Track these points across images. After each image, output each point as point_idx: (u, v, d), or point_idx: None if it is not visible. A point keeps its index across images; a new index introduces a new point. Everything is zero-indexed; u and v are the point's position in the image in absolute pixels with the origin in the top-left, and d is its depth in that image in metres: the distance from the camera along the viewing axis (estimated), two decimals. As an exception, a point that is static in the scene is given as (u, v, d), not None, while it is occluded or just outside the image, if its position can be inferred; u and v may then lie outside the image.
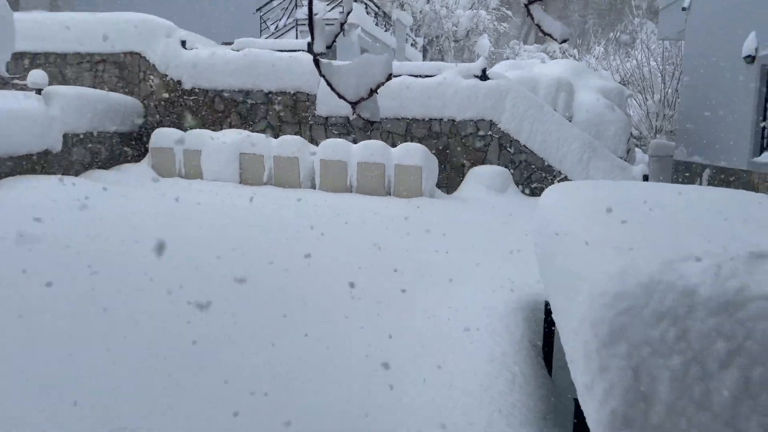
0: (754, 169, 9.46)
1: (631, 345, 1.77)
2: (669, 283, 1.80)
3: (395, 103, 10.96)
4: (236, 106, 11.02)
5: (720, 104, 10.85)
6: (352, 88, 2.23)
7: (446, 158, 11.07)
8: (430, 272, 5.21)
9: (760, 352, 1.70)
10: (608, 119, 12.07)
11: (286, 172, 9.44)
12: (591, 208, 2.83)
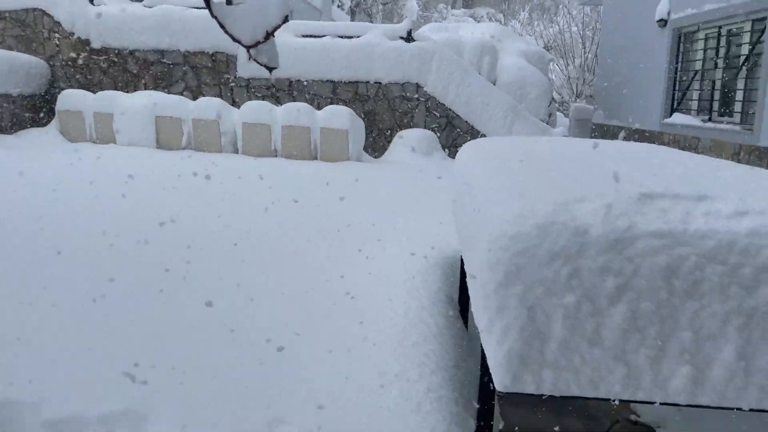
0: (665, 130, 9.88)
1: (527, 285, 1.80)
2: (562, 224, 1.82)
3: (321, 65, 10.76)
4: (151, 67, 10.51)
5: (635, 68, 11.22)
6: (247, 31, 2.13)
7: (373, 122, 11.01)
8: (353, 234, 5.18)
9: (647, 287, 1.76)
10: (531, 83, 12.29)
11: (207, 136, 9.13)
12: (499, 160, 2.86)
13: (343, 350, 2.91)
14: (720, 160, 2.93)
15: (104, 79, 10.52)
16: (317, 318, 3.26)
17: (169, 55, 10.48)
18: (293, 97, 10.79)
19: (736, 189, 1.99)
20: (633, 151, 3.01)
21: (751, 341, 1.74)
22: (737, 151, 7.83)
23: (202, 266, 3.89)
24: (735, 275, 1.72)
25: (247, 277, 3.79)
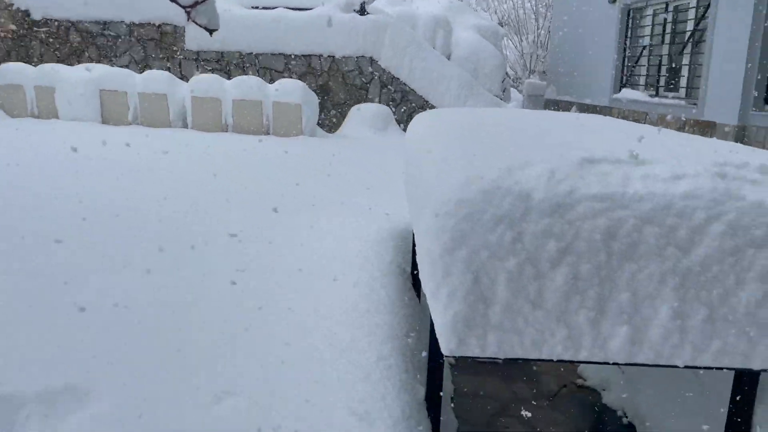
0: (614, 105, 10.08)
1: (472, 250, 1.81)
2: (506, 189, 1.84)
3: (272, 38, 10.55)
4: (94, 39, 10.11)
5: (586, 45, 11.37)
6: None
7: (327, 96, 10.89)
8: (307, 208, 5.14)
9: (587, 249, 1.79)
10: (485, 58, 12.33)
11: (154, 111, 8.87)
12: (448, 130, 2.86)
13: (294, 323, 2.89)
14: (661, 128, 3.01)
15: (45, 51, 10.08)
16: (266, 294, 3.23)
17: (113, 26, 10.10)
18: (244, 71, 10.56)
19: (674, 154, 2.03)
20: (578, 120, 3.05)
21: (686, 301, 1.79)
22: (682, 125, 8.05)
23: (147, 244, 3.80)
24: (671, 237, 1.77)
25: (197, 254, 3.72)
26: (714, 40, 7.44)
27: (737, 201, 1.78)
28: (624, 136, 2.48)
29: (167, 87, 8.82)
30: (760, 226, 1.76)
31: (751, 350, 1.81)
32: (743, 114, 6.80)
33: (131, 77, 8.86)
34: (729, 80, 7.04)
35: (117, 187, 4.93)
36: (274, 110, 9.13)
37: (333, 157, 7.77)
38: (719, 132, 7.19)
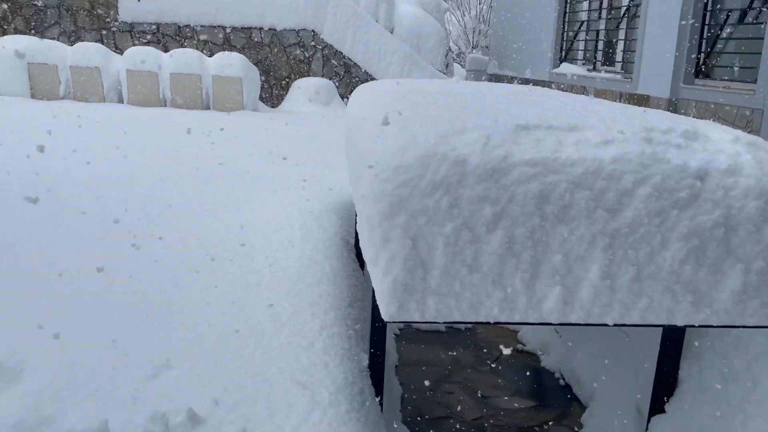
0: (554, 79, 10.27)
1: (410, 215, 1.83)
2: (443, 155, 1.86)
3: (210, 9, 10.25)
4: (21, 10, 9.58)
5: (527, 20, 11.51)
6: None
7: (269, 70, 10.69)
8: (248, 183, 5.06)
9: (521, 213, 1.83)
10: (427, 32, 12.32)
11: (87, 85, 8.51)
12: (387, 100, 2.86)
13: (237, 295, 2.87)
14: (596, 99, 3.09)
15: (-35, 21, 9.50)
16: (210, 268, 3.18)
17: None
18: (181, 44, 10.24)
19: (605, 121, 2.10)
20: (515, 91, 3.10)
21: (615, 261, 1.87)
22: (618, 98, 8.29)
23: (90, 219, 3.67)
24: (600, 200, 1.83)
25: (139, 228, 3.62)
26: (647, 15, 7.65)
27: (662, 164, 1.86)
28: (558, 104, 2.54)
29: (101, 60, 8.47)
30: (683, 188, 1.84)
31: (675, 307, 1.90)
32: (674, 88, 7.05)
33: (62, 49, 8.46)
34: (661, 55, 7.27)
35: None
36: (214, 84, 8.92)
37: (274, 132, 7.66)
38: (653, 105, 7.44)
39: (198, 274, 3.05)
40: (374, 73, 10.91)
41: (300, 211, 4.31)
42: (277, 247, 3.54)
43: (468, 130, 1.96)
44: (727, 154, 1.92)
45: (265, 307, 2.71)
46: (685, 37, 6.93)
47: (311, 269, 3.22)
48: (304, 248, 3.55)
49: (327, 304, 2.83)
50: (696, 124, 2.12)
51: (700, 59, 6.93)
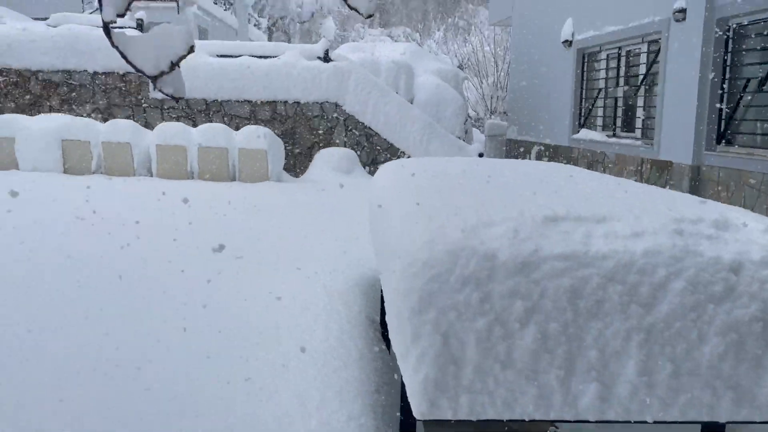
0: (574, 145, 10.35)
1: (440, 311, 1.82)
2: (472, 249, 1.86)
3: (238, 85, 10.62)
4: (57, 88, 10.02)
5: (544, 86, 11.72)
6: (150, 60, 2.06)
7: (293, 141, 10.94)
8: (273, 255, 5.10)
9: (553, 308, 1.82)
10: (446, 101, 12.59)
11: (118, 160, 8.78)
12: (412, 183, 2.89)
13: (263, 379, 2.84)
14: (619, 179, 3.10)
15: (4, 101, 9.94)
16: (235, 349, 3.17)
17: (76, 75, 10.03)
18: (210, 118, 10.57)
19: (633, 210, 2.09)
20: (537, 171, 3.12)
21: (651, 357, 1.82)
22: (640, 164, 8.30)
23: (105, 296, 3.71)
24: (634, 294, 1.81)
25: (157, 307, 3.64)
26: (665, 83, 7.75)
27: (695, 257, 1.84)
28: (584, 190, 2.55)
29: (131, 136, 8.75)
30: (717, 281, 1.81)
31: (716, 403, 1.84)
32: (697, 154, 7.05)
33: (95, 126, 8.78)
34: (681, 121, 7.31)
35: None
36: (240, 156, 9.13)
37: (298, 201, 7.77)
38: (675, 171, 7.43)
39: (224, 357, 3.04)
40: (395, 142, 11.10)
41: (325, 287, 4.31)
42: (303, 328, 3.52)
43: (496, 222, 1.97)
44: (759, 245, 1.90)
45: (292, 395, 2.68)
46: (704, 104, 6.98)
47: (337, 352, 3.20)
48: (330, 327, 3.53)
49: (354, 391, 2.79)
50: (726, 212, 2.11)
51: (721, 125, 6.95)
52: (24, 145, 8.49)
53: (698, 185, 7.10)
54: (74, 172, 8.70)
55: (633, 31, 8.52)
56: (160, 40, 2.07)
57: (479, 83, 19.24)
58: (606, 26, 9.24)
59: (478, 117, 19.71)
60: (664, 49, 7.79)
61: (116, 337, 3.18)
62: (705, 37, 6.90)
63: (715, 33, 6.86)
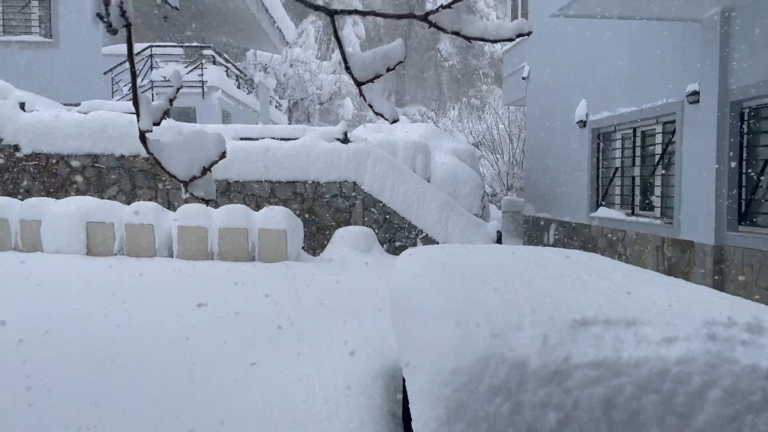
0: (593, 223, 10.33)
1: (468, 422, 1.77)
2: (501, 356, 1.83)
3: (259, 166, 10.86)
4: (83, 172, 10.33)
5: (560, 164, 11.84)
6: (183, 165, 2.13)
7: (312, 220, 11.05)
8: (291, 339, 5.06)
9: (588, 420, 1.77)
10: (463, 179, 12.73)
11: (140, 241, 8.90)
12: (435, 275, 2.89)
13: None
14: (645, 271, 3.07)
15: (33, 184, 10.23)
16: None
17: (103, 159, 10.35)
18: (231, 199, 10.76)
19: (663, 311, 2.06)
20: (561, 263, 3.11)
21: (691, 469, 1.75)
22: (660, 243, 8.23)
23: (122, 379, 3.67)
24: (669, 404, 1.76)
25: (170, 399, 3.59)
26: (682, 164, 7.79)
27: (731, 365, 1.79)
28: (612, 286, 2.53)
29: (154, 217, 8.91)
30: (756, 391, 1.76)
31: None
32: (719, 234, 6.99)
33: (119, 209, 8.96)
34: (701, 201, 7.30)
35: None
36: (260, 237, 9.22)
37: (316, 282, 7.76)
38: (697, 251, 7.35)
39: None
40: (413, 220, 11.16)
41: (344, 375, 4.24)
42: (322, 420, 3.44)
43: (525, 326, 1.95)
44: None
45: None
46: (723, 184, 6.99)
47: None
48: (352, 420, 3.45)
49: (379, 494, 2.69)
50: (758, 313, 2.07)
51: (741, 206, 6.92)
52: (49, 228, 8.66)
53: (721, 266, 7.01)
54: (97, 253, 8.82)
55: (647, 112, 8.65)
56: (193, 145, 2.14)
57: (495, 160, 19.50)
58: (619, 107, 9.41)
59: (495, 193, 19.85)
60: (679, 130, 7.88)
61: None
62: (720, 119, 6.98)
63: (729, 115, 6.95)
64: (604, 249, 9.87)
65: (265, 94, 21.41)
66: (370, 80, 2.24)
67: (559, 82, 12.01)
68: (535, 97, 13.47)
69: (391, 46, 2.22)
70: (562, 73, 11.76)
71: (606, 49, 9.85)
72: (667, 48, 8.08)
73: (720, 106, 6.98)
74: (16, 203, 8.91)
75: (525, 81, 13.90)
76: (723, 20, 6.94)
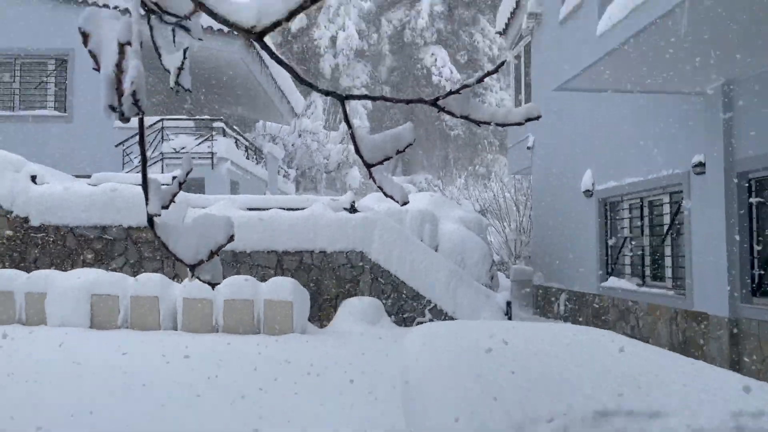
0: (604, 293, 10.18)
1: None
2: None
3: (266, 236, 10.87)
4: (91, 243, 10.36)
5: (568, 233, 11.80)
6: (191, 249, 2.10)
7: (318, 290, 10.95)
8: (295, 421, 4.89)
9: None
10: (470, 248, 12.68)
11: (145, 313, 8.81)
12: (446, 357, 2.80)
13: None
14: (666, 352, 2.97)
15: (41, 255, 10.25)
16: None
17: (111, 230, 10.41)
18: (237, 270, 10.71)
19: (687, 401, 1.97)
20: (582, 343, 3.02)
21: None
22: (674, 315, 8.07)
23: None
24: (702, 507, 1.65)
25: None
26: (692, 235, 7.73)
27: (765, 463, 1.69)
28: (633, 371, 2.43)
29: (160, 289, 8.86)
30: (794, 492, 1.65)
31: None
32: (733, 306, 6.86)
33: (124, 281, 8.93)
34: (713, 273, 7.19)
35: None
36: (266, 308, 9.11)
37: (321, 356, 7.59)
38: (712, 324, 7.19)
39: None
40: (421, 290, 11.05)
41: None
42: None
43: (542, 419, 1.86)
44: (835, 447, 1.75)
45: None
46: (735, 255, 6.91)
47: None
48: None
49: None
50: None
51: (755, 278, 6.82)
52: (54, 301, 8.61)
53: (737, 338, 6.84)
54: (101, 326, 8.72)
55: (653, 182, 8.67)
56: (201, 229, 2.13)
57: (502, 228, 19.50)
58: (626, 177, 9.45)
59: (502, 261, 19.75)
60: (686, 201, 7.87)
61: None
62: (727, 190, 6.98)
63: (737, 186, 6.95)
64: (616, 320, 9.69)
65: (274, 164, 21.73)
66: (379, 162, 2.25)
67: (564, 152, 12.13)
68: (541, 166, 13.59)
69: (401, 129, 2.24)
70: (567, 142, 11.90)
71: (610, 120, 9.99)
72: (671, 119, 8.18)
73: (726, 177, 6.99)
74: (22, 275, 8.90)
75: (530, 151, 14.07)
76: (725, 93, 7.04)
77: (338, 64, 34.46)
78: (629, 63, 6.64)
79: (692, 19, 5.28)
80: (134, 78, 1.81)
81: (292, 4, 1.92)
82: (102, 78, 1.75)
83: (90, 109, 14.75)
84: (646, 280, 9.21)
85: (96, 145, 14.62)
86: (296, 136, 26.92)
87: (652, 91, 7.78)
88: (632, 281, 9.50)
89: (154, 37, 2.40)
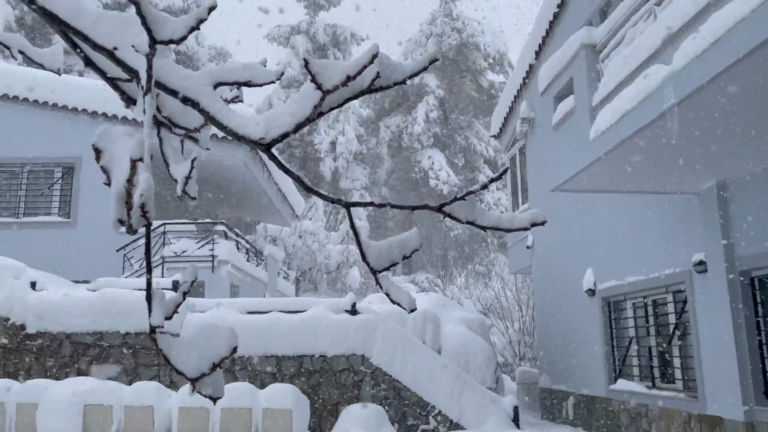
0: (613, 396, 9.85)
1: None
2: None
3: (265, 341, 10.67)
4: (87, 350, 10.14)
5: (572, 333, 11.59)
6: (192, 362, 2.04)
7: (318, 396, 10.61)
8: None
9: None
10: (474, 350, 12.42)
11: (139, 424, 8.48)
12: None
13: None
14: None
15: (35, 364, 10.00)
16: None
17: (107, 337, 10.22)
18: (235, 376, 10.43)
19: None
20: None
21: None
22: (687, 419, 7.77)
23: None
24: None
25: None
26: (699, 335, 7.59)
27: None
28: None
29: (155, 399, 8.58)
30: None
31: None
32: (748, 410, 6.62)
33: (119, 390, 8.67)
34: (724, 374, 7.00)
35: None
36: (264, 417, 8.79)
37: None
38: (728, 427, 6.91)
39: None
40: (424, 395, 10.70)
41: None
42: None
43: None
44: None
45: None
46: (745, 355, 6.75)
47: None
48: None
49: None
50: None
51: (767, 378, 6.63)
52: (45, 412, 8.31)
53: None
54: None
55: (655, 281, 8.63)
56: (203, 341, 2.08)
57: (505, 328, 19.19)
58: (627, 276, 9.41)
59: (507, 362, 19.28)
60: (690, 300, 7.79)
61: None
62: (731, 289, 6.93)
63: (740, 284, 6.91)
64: (628, 425, 9.32)
65: (274, 266, 21.73)
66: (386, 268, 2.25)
67: (564, 251, 12.15)
68: (541, 265, 13.57)
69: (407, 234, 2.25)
70: (567, 241, 11.95)
71: (608, 219, 10.09)
72: (669, 218, 8.26)
73: (728, 275, 6.97)
74: (15, 386, 8.64)
75: (529, 250, 14.11)
76: (720, 192, 7.16)
77: (338, 167, 35.32)
78: (622, 165, 6.80)
79: (681, 125, 5.47)
80: (144, 191, 1.84)
81: (298, 117, 1.99)
82: (112, 193, 1.77)
83: (94, 215, 14.92)
84: (656, 381, 8.95)
85: (98, 251, 14.66)
86: (297, 238, 27.09)
87: (647, 191, 7.92)
88: (642, 384, 9.23)
89: (163, 147, 2.47)
